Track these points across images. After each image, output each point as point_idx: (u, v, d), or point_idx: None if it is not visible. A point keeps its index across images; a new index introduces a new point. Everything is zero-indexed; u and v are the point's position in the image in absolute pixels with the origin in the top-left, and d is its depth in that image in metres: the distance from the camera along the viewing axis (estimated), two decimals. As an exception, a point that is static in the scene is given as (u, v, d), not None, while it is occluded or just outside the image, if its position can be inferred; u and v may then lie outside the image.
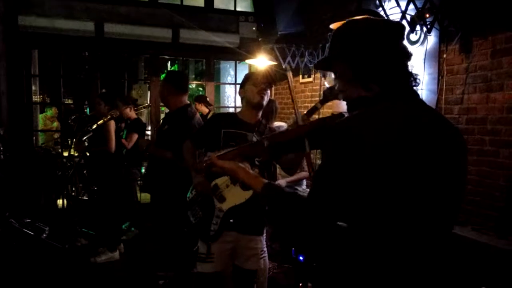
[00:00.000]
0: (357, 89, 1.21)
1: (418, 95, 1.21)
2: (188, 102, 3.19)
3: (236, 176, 1.44)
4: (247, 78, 2.43)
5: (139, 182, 5.36)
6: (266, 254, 2.57)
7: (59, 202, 5.31)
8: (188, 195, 2.45)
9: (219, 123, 2.39)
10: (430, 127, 1.12)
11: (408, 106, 1.15)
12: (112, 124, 4.27)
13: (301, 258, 3.26)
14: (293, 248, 3.46)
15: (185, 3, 5.97)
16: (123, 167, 4.55)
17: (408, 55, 1.21)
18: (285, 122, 4.51)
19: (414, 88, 1.22)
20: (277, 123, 4.62)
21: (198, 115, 3.20)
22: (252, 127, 2.35)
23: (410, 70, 1.21)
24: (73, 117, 5.63)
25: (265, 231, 2.51)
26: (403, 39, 1.22)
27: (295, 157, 2.11)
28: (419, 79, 1.23)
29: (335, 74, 1.29)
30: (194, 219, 2.36)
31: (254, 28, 6.10)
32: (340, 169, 1.07)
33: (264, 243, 2.52)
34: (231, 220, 2.28)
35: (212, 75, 6.62)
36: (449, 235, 1.18)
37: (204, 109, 5.50)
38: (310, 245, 1.17)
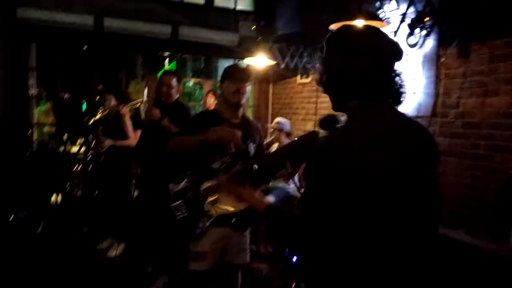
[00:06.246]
0: (337, 106, 1.30)
1: (390, 105, 1.23)
2: None
3: (245, 201, 1.54)
4: (225, 74, 2.39)
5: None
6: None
7: (53, 198, 5.28)
8: (173, 187, 2.34)
9: (207, 123, 2.30)
10: (389, 141, 1.15)
11: (371, 122, 1.18)
12: (129, 120, 4.23)
13: (294, 258, 3.27)
14: (287, 249, 3.47)
15: (185, 0, 5.96)
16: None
17: (384, 62, 1.21)
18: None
19: (402, 95, 1.24)
20: (281, 119, 4.58)
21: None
22: (237, 127, 2.31)
23: (394, 79, 1.23)
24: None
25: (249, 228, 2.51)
26: (372, 48, 1.22)
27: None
28: (403, 85, 1.24)
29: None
30: (179, 215, 2.29)
31: (253, 27, 6.09)
32: (314, 192, 1.18)
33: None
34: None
35: (210, 73, 6.62)
36: (428, 241, 1.20)
37: (213, 103, 5.48)
38: (303, 253, 1.31)
